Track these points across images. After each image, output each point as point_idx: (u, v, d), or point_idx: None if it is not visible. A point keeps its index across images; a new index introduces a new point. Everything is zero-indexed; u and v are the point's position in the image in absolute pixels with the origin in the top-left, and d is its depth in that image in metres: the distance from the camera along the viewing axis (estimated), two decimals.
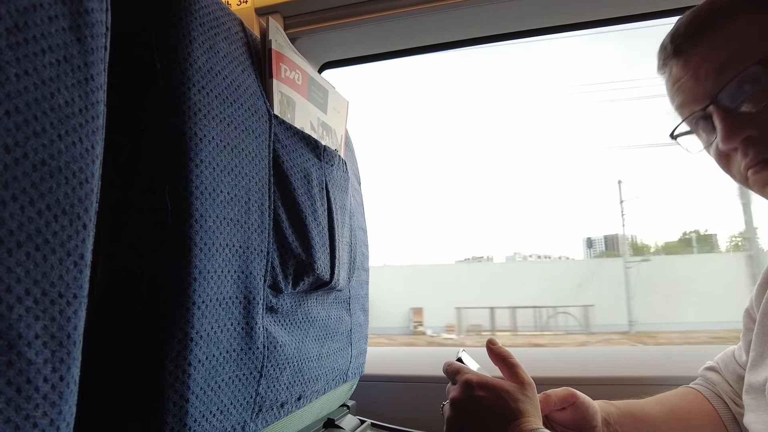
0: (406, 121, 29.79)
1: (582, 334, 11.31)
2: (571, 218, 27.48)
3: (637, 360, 1.01)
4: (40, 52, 0.33)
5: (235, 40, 0.58)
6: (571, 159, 30.97)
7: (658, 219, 26.24)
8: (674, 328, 10.70)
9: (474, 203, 27.66)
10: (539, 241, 29.17)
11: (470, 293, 13.11)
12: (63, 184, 0.34)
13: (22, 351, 0.30)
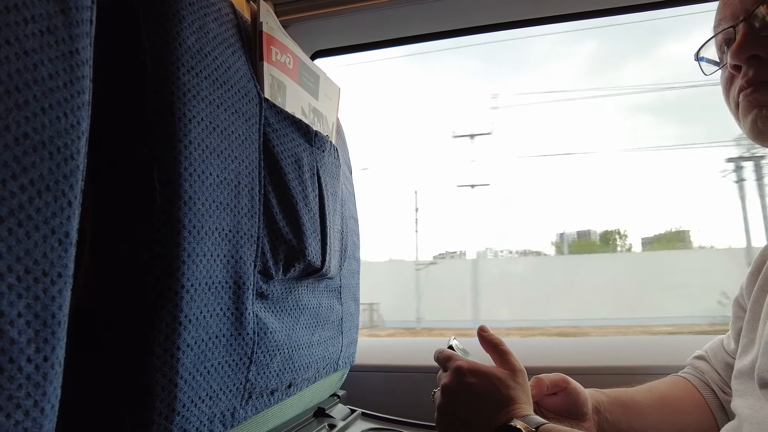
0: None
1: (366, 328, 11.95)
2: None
3: (628, 349, 1.01)
4: (22, 21, 0.32)
5: (225, 21, 0.57)
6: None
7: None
8: (450, 325, 11.33)
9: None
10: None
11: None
12: (47, 159, 0.33)
13: (4, 330, 0.29)
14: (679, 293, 10.70)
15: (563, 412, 0.72)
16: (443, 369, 0.64)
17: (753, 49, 0.54)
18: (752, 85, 0.55)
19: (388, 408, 0.94)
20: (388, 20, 1.09)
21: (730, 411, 0.67)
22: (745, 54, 0.55)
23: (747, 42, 0.55)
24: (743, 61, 0.55)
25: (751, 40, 0.55)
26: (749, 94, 0.55)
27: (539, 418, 0.55)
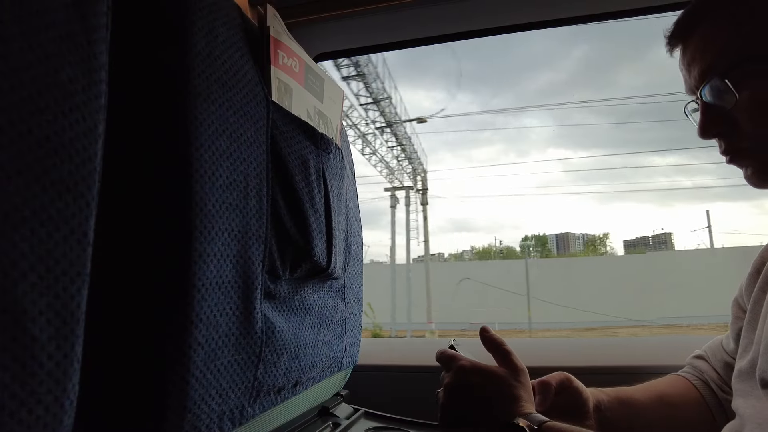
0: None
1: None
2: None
3: (628, 350, 1.02)
4: (44, 27, 0.33)
5: (234, 26, 0.57)
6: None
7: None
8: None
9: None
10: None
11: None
12: (66, 161, 0.34)
13: (26, 327, 0.30)
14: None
15: (565, 411, 0.73)
16: (446, 369, 0.65)
17: (714, 128, 0.58)
18: (728, 155, 0.59)
19: (390, 407, 0.95)
20: (388, 24, 1.10)
21: (728, 409, 0.68)
22: (709, 135, 0.59)
23: (707, 123, 0.59)
24: (710, 138, 0.60)
25: (710, 120, 0.58)
26: (729, 161, 0.60)
27: (541, 416, 0.56)
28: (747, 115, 0.55)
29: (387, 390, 1.07)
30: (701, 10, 0.59)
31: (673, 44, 0.62)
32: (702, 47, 0.58)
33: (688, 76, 0.61)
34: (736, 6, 0.56)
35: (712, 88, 0.57)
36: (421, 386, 1.01)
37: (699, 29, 0.59)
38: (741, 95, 0.55)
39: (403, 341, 1.28)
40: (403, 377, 1.07)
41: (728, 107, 0.56)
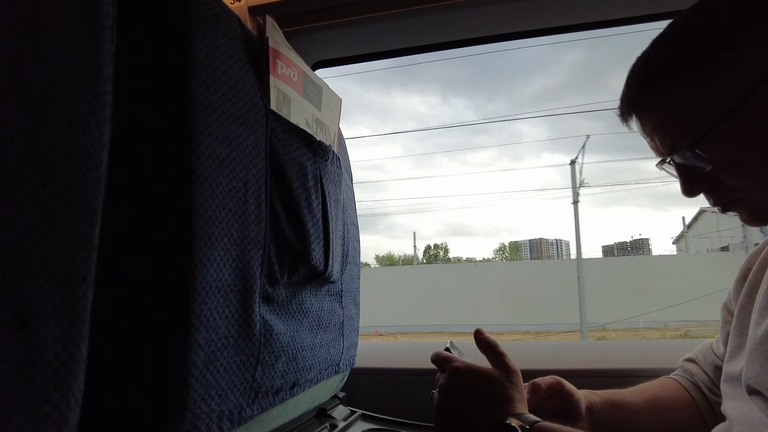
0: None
1: None
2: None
3: (621, 353, 1.04)
4: (54, 39, 0.34)
5: (234, 37, 0.59)
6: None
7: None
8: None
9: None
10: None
11: None
12: (73, 169, 0.35)
13: (35, 328, 0.32)
14: None
15: (557, 413, 0.74)
16: (441, 370, 0.67)
17: (700, 188, 0.59)
18: (719, 206, 0.60)
19: (387, 409, 0.96)
20: (386, 32, 1.12)
21: (719, 411, 0.69)
22: (696, 192, 0.60)
23: (690, 183, 0.59)
24: (696, 196, 0.60)
25: (691, 181, 0.59)
26: (722, 211, 0.60)
27: (533, 417, 0.57)
28: (726, 175, 0.56)
29: (384, 392, 1.08)
30: (645, 88, 0.59)
31: (626, 119, 0.62)
32: (658, 121, 0.59)
33: (652, 142, 0.61)
34: (674, 82, 0.56)
35: (683, 157, 0.57)
36: (417, 389, 1.03)
37: (649, 106, 0.59)
38: (714, 160, 0.55)
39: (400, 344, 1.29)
40: (400, 380, 1.08)
41: (704, 170, 0.57)
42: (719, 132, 0.54)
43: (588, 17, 1.05)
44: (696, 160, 0.56)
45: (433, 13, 1.02)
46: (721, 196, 0.59)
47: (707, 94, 0.54)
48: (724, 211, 0.60)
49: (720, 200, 0.59)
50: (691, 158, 0.56)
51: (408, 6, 1.01)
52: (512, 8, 1.03)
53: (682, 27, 0.58)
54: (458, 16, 1.05)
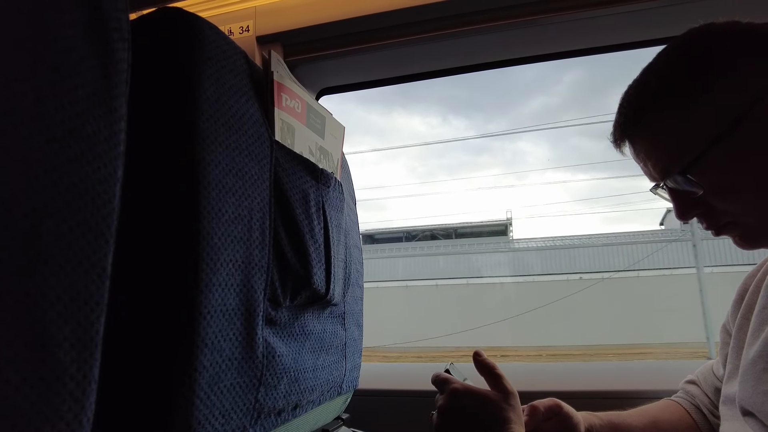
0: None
1: None
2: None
3: (621, 374, 1.04)
4: (74, 87, 0.38)
5: (240, 72, 0.63)
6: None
7: None
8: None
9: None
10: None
11: None
12: (90, 204, 0.38)
13: (53, 351, 0.34)
14: None
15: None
16: (440, 391, 0.68)
17: (693, 212, 0.61)
18: (712, 229, 0.62)
19: (390, 431, 0.97)
20: (390, 59, 1.16)
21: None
22: (689, 217, 0.61)
23: (683, 207, 0.61)
24: (690, 220, 0.62)
25: (684, 206, 0.61)
26: (716, 234, 0.62)
27: None
28: (716, 200, 0.58)
29: (388, 414, 1.09)
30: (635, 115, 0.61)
31: (619, 145, 0.65)
32: (650, 147, 0.61)
33: (645, 167, 0.63)
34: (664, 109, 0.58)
35: (676, 182, 0.59)
36: (421, 410, 1.03)
37: (641, 134, 0.61)
38: (706, 185, 0.57)
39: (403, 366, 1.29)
40: (403, 401, 1.09)
41: (698, 194, 0.58)
42: (710, 157, 0.56)
43: (586, 43, 1.08)
44: (688, 185, 0.58)
45: (434, 41, 1.06)
46: (714, 220, 0.60)
47: (697, 120, 0.56)
48: (717, 235, 0.62)
49: (713, 224, 0.61)
50: (683, 183, 0.58)
51: (409, 35, 1.05)
52: (511, 35, 1.06)
53: (671, 56, 0.60)
54: (457, 44, 1.09)
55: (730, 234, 0.61)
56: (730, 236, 0.62)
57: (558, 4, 0.94)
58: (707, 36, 0.58)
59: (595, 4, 0.92)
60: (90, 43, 0.40)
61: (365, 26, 1.04)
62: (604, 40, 1.07)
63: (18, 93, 0.33)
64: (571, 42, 1.08)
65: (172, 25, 0.55)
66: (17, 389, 0.32)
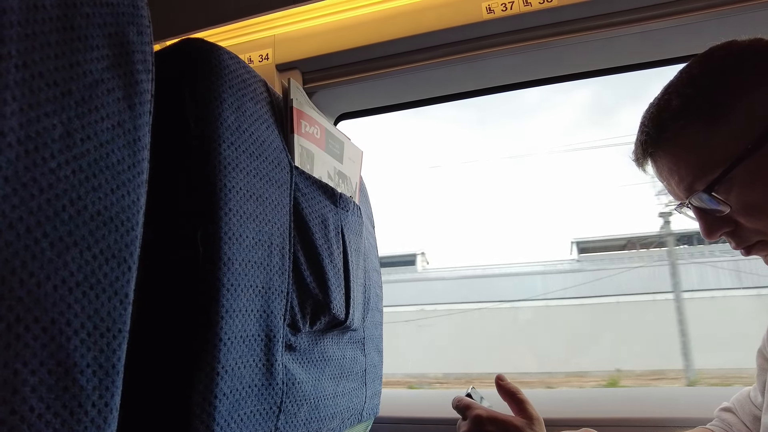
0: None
1: None
2: None
3: (653, 401, 1.00)
4: (100, 119, 0.39)
5: (260, 100, 0.64)
6: None
7: None
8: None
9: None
10: None
11: None
12: (113, 231, 0.39)
13: (76, 378, 0.35)
14: None
15: None
16: (463, 417, 0.67)
17: (720, 230, 0.59)
18: (741, 248, 0.60)
19: None
20: (407, 85, 1.17)
21: None
22: (716, 235, 0.60)
23: (710, 226, 0.60)
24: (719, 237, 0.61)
25: (711, 224, 0.59)
26: (746, 254, 0.60)
27: None
28: (743, 218, 0.56)
29: None
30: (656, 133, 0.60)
31: (642, 164, 0.64)
32: (674, 165, 0.60)
33: (669, 186, 0.62)
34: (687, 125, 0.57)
35: (701, 200, 0.58)
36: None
37: (662, 150, 0.60)
38: (732, 203, 0.56)
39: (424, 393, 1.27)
40: (424, 429, 1.07)
41: (724, 212, 0.57)
42: (735, 175, 0.54)
43: (595, 65, 1.08)
44: (713, 203, 0.57)
45: (449, 65, 1.08)
46: (743, 239, 0.59)
47: (721, 137, 0.55)
48: (747, 254, 0.60)
49: (742, 243, 0.59)
50: (708, 201, 0.57)
51: (425, 60, 1.06)
52: (528, 58, 1.07)
53: (694, 74, 0.59)
54: (473, 67, 1.10)
55: (760, 254, 0.59)
56: (760, 256, 0.60)
57: (576, 25, 0.94)
58: (730, 53, 0.58)
59: (613, 25, 0.92)
60: (116, 76, 0.41)
61: (381, 52, 1.06)
62: (620, 61, 1.07)
63: (49, 127, 0.35)
64: (582, 64, 1.09)
65: (193, 55, 0.57)
66: (40, 417, 0.32)
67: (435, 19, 1.01)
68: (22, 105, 0.33)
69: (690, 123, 0.57)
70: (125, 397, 0.41)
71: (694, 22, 0.89)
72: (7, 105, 0.32)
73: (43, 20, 0.35)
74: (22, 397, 0.31)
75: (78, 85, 0.37)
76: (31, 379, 0.32)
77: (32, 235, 0.33)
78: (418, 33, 1.01)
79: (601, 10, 0.92)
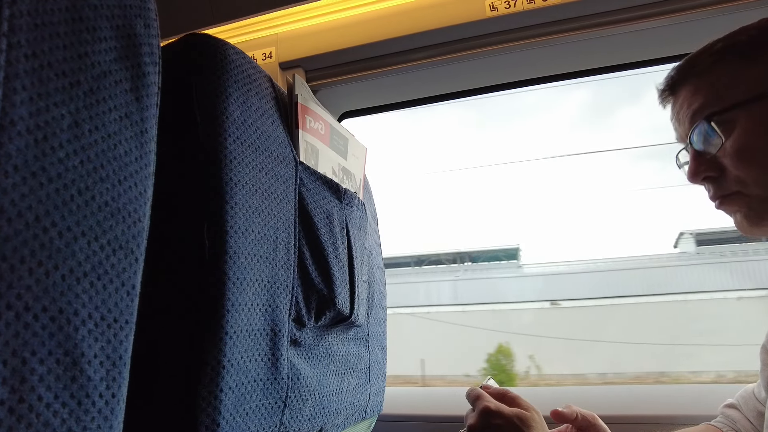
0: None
1: None
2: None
3: (657, 398, 1.00)
4: (108, 110, 0.39)
5: (265, 95, 0.64)
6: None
7: None
8: None
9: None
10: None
11: None
12: (121, 223, 0.39)
13: (83, 368, 0.34)
14: None
15: None
16: (473, 408, 0.67)
17: (703, 173, 0.61)
18: (717, 200, 0.62)
19: None
20: (410, 82, 1.17)
21: None
22: (699, 178, 0.62)
23: (696, 167, 0.62)
24: (699, 183, 0.63)
25: (700, 165, 0.61)
26: (719, 206, 0.62)
27: None
28: (732, 161, 0.58)
29: None
30: (688, 66, 0.63)
31: (665, 96, 0.66)
32: (690, 96, 0.62)
33: (678, 125, 0.64)
34: (720, 61, 0.59)
35: (699, 132, 0.60)
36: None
37: (688, 82, 0.62)
38: (726, 140, 0.58)
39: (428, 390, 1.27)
40: (428, 427, 1.07)
41: (715, 152, 0.59)
42: (741, 115, 0.57)
43: (596, 63, 1.08)
44: (710, 134, 0.59)
45: (453, 63, 1.08)
46: (723, 187, 0.60)
47: (746, 76, 0.57)
48: (720, 206, 0.62)
49: (719, 191, 0.61)
50: (706, 132, 0.59)
51: (429, 58, 1.06)
52: (532, 55, 1.07)
53: (749, 27, 0.61)
54: (477, 65, 1.10)
55: (734, 207, 0.61)
56: (733, 212, 0.61)
57: (580, 23, 0.94)
58: None
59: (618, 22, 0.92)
60: (124, 68, 0.41)
61: (384, 50, 1.06)
62: (625, 58, 1.07)
63: (57, 117, 0.35)
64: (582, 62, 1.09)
65: (200, 50, 0.57)
66: (48, 406, 0.32)
67: (438, 16, 1.01)
68: (31, 94, 0.33)
69: (724, 60, 0.59)
70: (132, 389, 0.41)
71: (704, 18, 0.90)
72: (17, 94, 0.32)
73: (52, 11, 0.35)
74: (31, 386, 0.31)
75: (86, 75, 0.37)
76: (40, 368, 0.32)
77: (41, 225, 0.33)
78: (421, 31, 1.01)
79: (606, 7, 0.92)
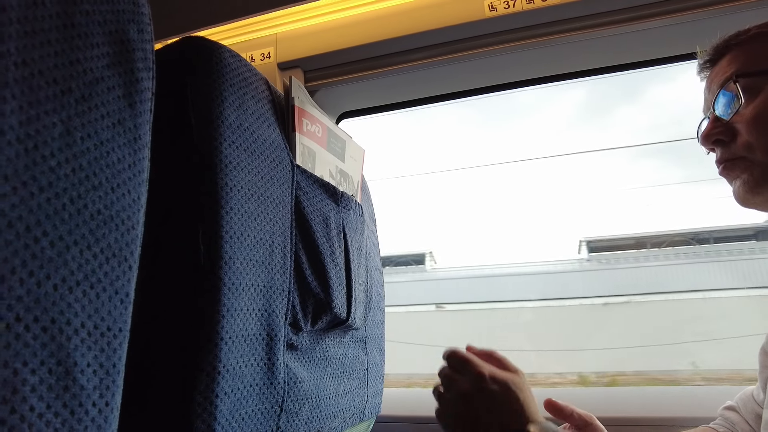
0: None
1: None
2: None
3: (657, 400, 1.00)
4: (100, 117, 0.39)
5: (262, 98, 0.64)
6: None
7: None
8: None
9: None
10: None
11: None
12: (114, 230, 0.39)
13: (76, 377, 0.34)
14: None
15: None
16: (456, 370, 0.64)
17: (714, 136, 0.63)
18: (722, 163, 0.64)
19: None
20: (408, 83, 1.17)
21: None
22: (709, 141, 0.64)
23: (710, 129, 0.64)
24: (710, 147, 0.65)
25: (713, 127, 0.63)
26: (722, 170, 0.64)
27: (552, 425, 0.57)
28: (746, 126, 0.60)
29: None
30: (733, 36, 0.64)
31: (705, 67, 0.67)
32: (727, 65, 0.63)
33: (709, 92, 0.66)
34: (763, 34, 0.61)
35: (723, 94, 0.62)
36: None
37: (729, 52, 0.64)
38: (747, 104, 0.59)
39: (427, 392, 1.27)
40: (426, 428, 1.06)
41: (733, 115, 0.61)
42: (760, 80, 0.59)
43: (596, 63, 1.08)
44: (733, 97, 0.61)
45: (451, 63, 1.07)
46: (731, 152, 0.62)
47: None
48: (723, 171, 0.64)
49: (726, 154, 0.63)
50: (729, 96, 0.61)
51: (427, 58, 1.06)
52: (530, 56, 1.06)
53: None
54: (475, 65, 1.09)
55: (736, 173, 0.62)
56: (734, 178, 0.63)
57: (579, 23, 0.94)
58: None
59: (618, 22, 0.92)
60: (116, 74, 0.41)
61: (383, 50, 1.06)
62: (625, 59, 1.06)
63: (48, 125, 0.34)
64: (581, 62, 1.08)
65: (195, 53, 0.56)
66: (41, 416, 0.32)
67: (437, 17, 1.01)
68: (21, 103, 0.32)
69: (767, 34, 0.61)
70: (126, 397, 0.41)
71: (704, 18, 0.89)
72: (6, 103, 0.31)
73: (42, 17, 0.35)
74: (23, 396, 0.31)
75: (78, 83, 0.37)
76: (31, 378, 0.32)
77: (32, 234, 0.32)
78: (420, 31, 1.01)
79: (606, 7, 0.92)
